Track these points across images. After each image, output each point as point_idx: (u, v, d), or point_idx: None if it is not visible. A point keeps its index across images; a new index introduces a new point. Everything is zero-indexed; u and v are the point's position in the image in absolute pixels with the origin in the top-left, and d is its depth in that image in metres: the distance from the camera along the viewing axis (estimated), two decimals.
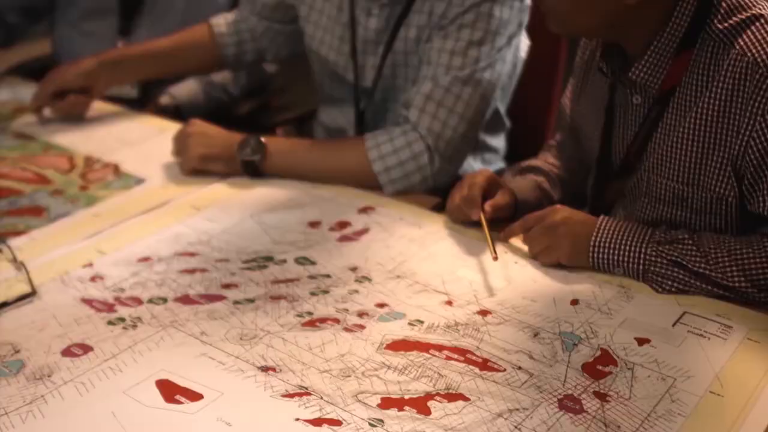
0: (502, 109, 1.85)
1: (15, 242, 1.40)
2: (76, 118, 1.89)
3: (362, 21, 1.71)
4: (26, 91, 2.05)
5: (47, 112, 1.89)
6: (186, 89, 2.13)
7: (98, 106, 1.98)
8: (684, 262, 1.24)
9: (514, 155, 1.92)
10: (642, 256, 1.27)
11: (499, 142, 1.91)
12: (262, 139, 1.60)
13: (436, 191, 1.58)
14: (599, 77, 1.42)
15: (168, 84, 2.15)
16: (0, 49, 2.28)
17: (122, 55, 1.90)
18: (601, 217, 1.32)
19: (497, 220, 1.40)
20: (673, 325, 1.18)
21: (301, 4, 1.80)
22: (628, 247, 1.28)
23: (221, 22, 1.92)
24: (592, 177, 1.49)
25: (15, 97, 2.04)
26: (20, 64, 2.42)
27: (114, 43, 2.16)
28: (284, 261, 1.34)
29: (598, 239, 1.29)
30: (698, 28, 1.26)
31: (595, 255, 1.29)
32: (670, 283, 1.25)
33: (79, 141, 1.80)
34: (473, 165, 1.83)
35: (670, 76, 1.28)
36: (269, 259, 1.35)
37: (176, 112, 2.06)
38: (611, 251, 1.28)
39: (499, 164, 1.92)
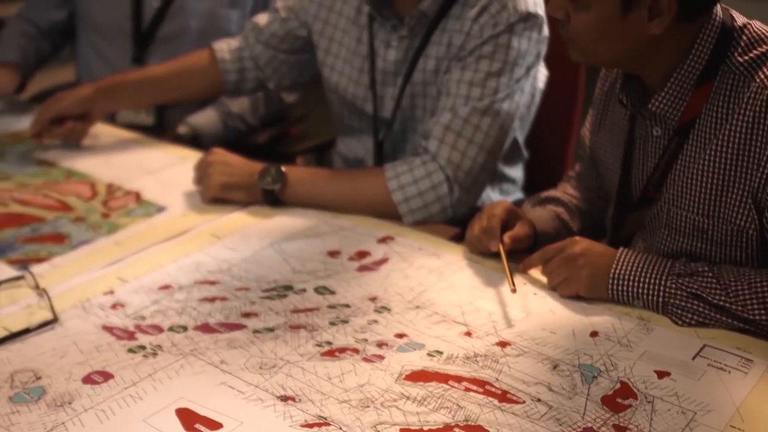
0: (521, 140, 1.85)
1: (37, 269, 1.41)
2: (96, 145, 1.91)
3: (381, 53, 1.72)
4: None
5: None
6: (204, 118, 2.15)
7: (119, 133, 2.01)
8: (704, 295, 1.23)
9: (533, 186, 1.93)
10: (662, 288, 1.26)
11: (517, 172, 1.91)
12: (283, 168, 1.61)
13: (455, 221, 1.59)
14: (619, 109, 1.43)
15: (186, 112, 2.17)
16: (35, 69, 2.32)
17: (119, 82, 1.92)
18: (621, 249, 1.32)
19: (516, 251, 1.41)
20: (693, 358, 1.18)
21: (320, 37, 1.82)
22: (647, 280, 1.27)
23: (224, 48, 1.93)
24: (611, 208, 1.49)
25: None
26: (44, 92, 2.45)
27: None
28: (304, 290, 1.35)
29: (617, 271, 1.29)
30: (718, 60, 1.26)
31: (615, 287, 1.29)
32: (690, 315, 1.24)
33: (101, 168, 1.82)
34: (491, 195, 1.84)
35: (690, 108, 1.29)
36: (289, 288, 1.36)
37: (194, 141, 2.08)
38: (631, 283, 1.28)
39: (517, 195, 1.92)
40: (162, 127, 2.17)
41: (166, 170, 1.81)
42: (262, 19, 1.91)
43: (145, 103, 2.02)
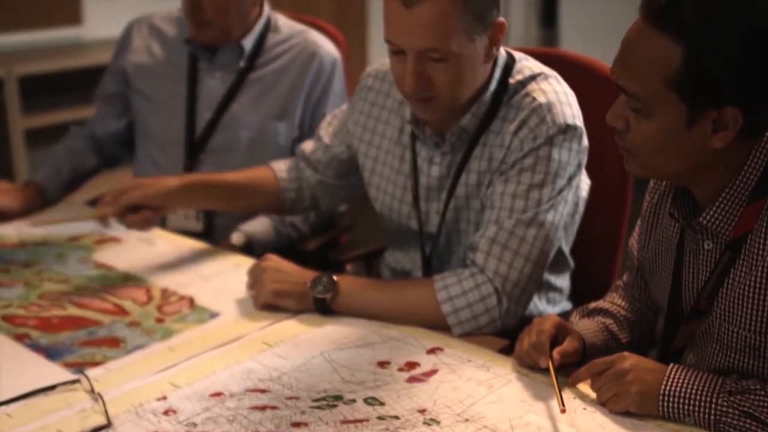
0: (566, 249, 1.87)
1: (92, 372, 1.44)
2: (153, 250, 1.96)
3: (425, 170, 1.77)
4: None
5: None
6: (258, 226, 2.20)
7: (175, 239, 2.06)
8: (756, 414, 1.22)
9: (580, 295, 1.93)
10: (713, 406, 1.25)
11: (563, 282, 1.92)
12: (335, 277, 1.64)
13: (504, 333, 1.59)
14: (668, 221, 1.43)
15: (234, 220, 2.22)
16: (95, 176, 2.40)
17: (202, 181, 1.96)
18: (671, 365, 1.32)
19: (565, 365, 1.41)
20: None
21: (365, 158, 1.87)
22: (698, 397, 1.26)
23: (282, 167, 2.00)
24: (661, 321, 1.49)
25: (97, 228, 2.12)
26: (102, 197, 2.53)
27: None
28: (353, 401, 1.36)
29: (667, 388, 1.28)
30: None
31: (666, 404, 1.28)
32: None
33: (156, 272, 1.87)
34: (538, 304, 1.85)
35: (742, 222, 1.29)
36: (338, 398, 1.37)
37: (247, 248, 2.13)
38: (682, 401, 1.27)
39: (564, 304, 1.93)
40: (210, 233, 2.21)
41: (219, 276, 1.85)
42: (308, 146, 1.99)
43: (217, 207, 2.07)
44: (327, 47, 2.31)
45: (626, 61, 1.28)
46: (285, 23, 2.34)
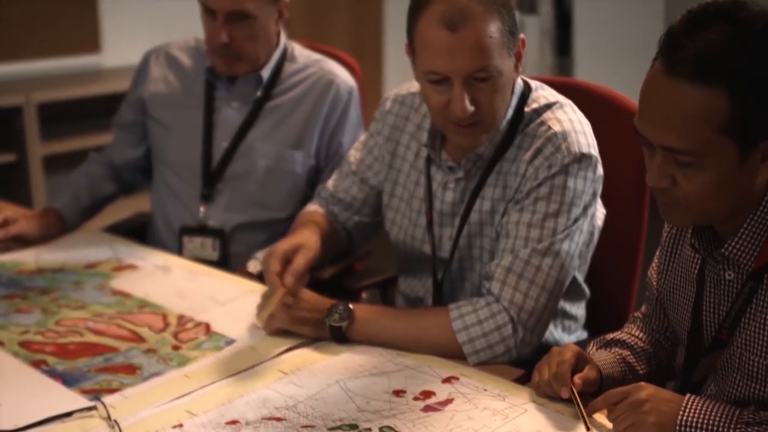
0: (581, 278, 1.87)
1: (109, 399, 1.45)
2: (169, 277, 1.98)
3: (439, 195, 1.77)
4: (124, 249, 2.17)
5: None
6: None
7: (191, 265, 2.08)
8: None
9: (597, 325, 1.93)
10: None
11: (579, 310, 1.92)
12: (350, 305, 1.64)
13: (519, 362, 1.59)
14: (688, 251, 1.43)
15: (250, 249, 2.23)
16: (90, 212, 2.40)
17: (320, 234, 1.84)
18: (688, 395, 1.31)
19: (583, 394, 1.40)
20: None
21: (386, 180, 1.89)
22: (715, 428, 1.25)
23: (334, 211, 1.95)
24: (681, 352, 1.48)
25: (114, 255, 2.14)
26: (121, 222, 2.55)
27: (197, 207, 2.27)
28: (369, 429, 1.36)
29: (684, 418, 1.27)
30: None
31: None
32: None
33: (173, 299, 1.87)
34: (554, 332, 1.84)
35: (764, 252, 1.29)
36: (354, 427, 1.37)
37: (263, 276, 2.12)
38: (699, 431, 1.26)
39: (579, 332, 1.92)
40: (226, 262, 2.22)
41: (235, 302, 1.86)
42: (337, 186, 1.96)
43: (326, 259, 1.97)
44: (343, 76, 2.32)
45: (665, 120, 1.25)
46: (301, 52, 2.36)
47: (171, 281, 1.98)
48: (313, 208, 1.98)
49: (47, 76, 3.91)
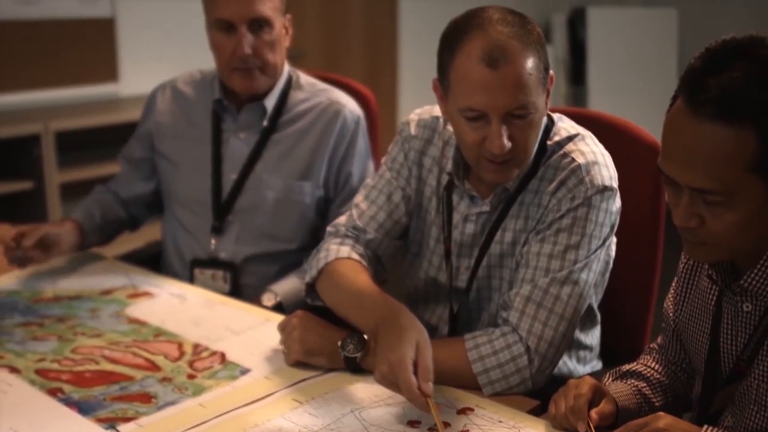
0: (595, 306, 1.87)
1: (124, 428, 1.45)
2: (185, 305, 1.98)
3: (459, 226, 1.78)
4: (140, 277, 2.18)
5: None
6: (289, 285, 2.20)
7: (206, 294, 2.08)
8: None
9: (612, 355, 1.92)
10: None
11: (593, 339, 1.91)
12: (365, 336, 1.64)
13: (534, 394, 1.58)
14: (705, 282, 1.43)
15: (264, 281, 2.23)
16: (105, 235, 2.40)
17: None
18: (705, 426, 1.30)
19: (599, 427, 1.40)
20: None
21: (413, 204, 1.86)
22: None
23: (356, 256, 1.81)
24: (699, 383, 1.48)
25: (130, 282, 2.16)
26: (134, 252, 2.56)
27: (208, 240, 2.28)
28: None
29: None
30: None
31: None
32: None
33: (188, 327, 1.88)
34: (568, 363, 1.84)
35: None
36: None
37: (278, 308, 2.13)
38: None
39: (594, 362, 1.91)
40: (237, 294, 2.21)
41: (250, 331, 1.86)
42: (369, 222, 1.85)
43: None
44: (350, 106, 2.31)
45: (692, 161, 1.24)
46: (307, 81, 2.35)
47: (186, 309, 1.99)
48: (352, 264, 1.79)
49: (65, 104, 3.95)
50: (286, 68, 2.31)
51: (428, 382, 1.43)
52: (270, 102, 2.26)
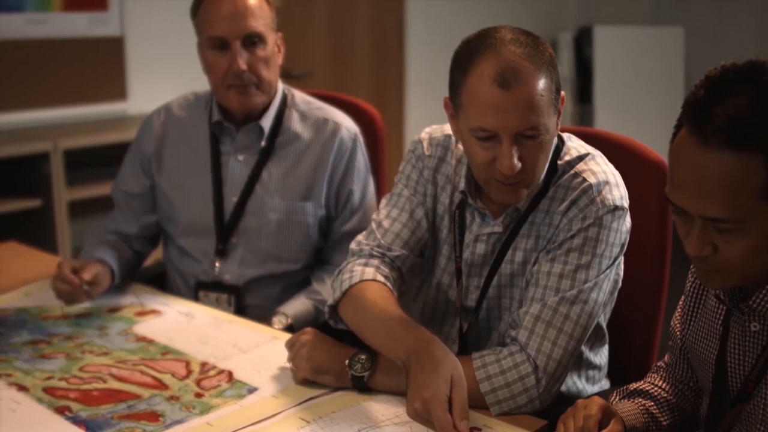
0: (603, 324, 1.86)
1: None
2: (192, 323, 1.99)
3: (471, 246, 1.78)
4: (148, 296, 2.18)
5: None
6: (299, 306, 2.20)
7: (214, 312, 2.09)
8: None
9: (619, 375, 1.92)
10: None
11: (602, 359, 1.91)
12: (372, 355, 1.64)
13: (541, 413, 1.58)
14: (712, 301, 1.43)
15: (269, 303, 2.23)
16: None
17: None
18: None
19: None
20: None
21: (429, 218, 1.86)
22: None
23: (382, 278, 1.76)
24: (706, 402, 1.47)
25: (138, 300, 2.16)
26: (138, 272, 2.56)
27: (212, 264, 2.27)
28: None
29: None
30: None
31: None
32: None
33: (196, 346, 1.88)
34: (577, 383, 1.83)
35: None
36: None
37: (288, 329, 2.12)
38: None
39: (602, 382, 1.91)
40: (241, 314, 2.19)
41: (257, 349, 1.86)
42: (393, 240, 1.83)
43: None
44: (347, 124, 2.30)
45: (702, 190, 1.24)
46: (302, 98, 2.34)
47: (194, 328, 1.99)
48: (379, 288, 1.74)
49: (74, 122, 3.97)
50: (281, 86, 2.30)
51: (464, 420, 1.41)
52: (266, 122, 2.25)
